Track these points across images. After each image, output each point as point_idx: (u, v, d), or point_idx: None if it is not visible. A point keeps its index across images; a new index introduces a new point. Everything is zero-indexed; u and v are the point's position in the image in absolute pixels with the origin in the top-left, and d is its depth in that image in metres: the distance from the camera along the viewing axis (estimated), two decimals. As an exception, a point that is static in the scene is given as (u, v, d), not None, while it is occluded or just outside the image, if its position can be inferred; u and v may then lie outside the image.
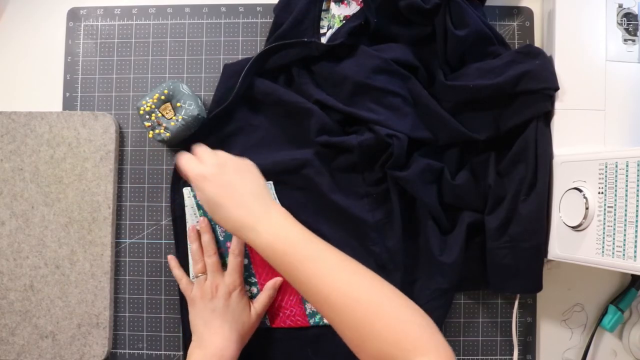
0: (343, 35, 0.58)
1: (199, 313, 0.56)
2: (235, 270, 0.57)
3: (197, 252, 0.59)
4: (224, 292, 0.56)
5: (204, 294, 0.56)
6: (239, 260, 0.57)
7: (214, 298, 0.55)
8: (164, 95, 0.58)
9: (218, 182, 0.50)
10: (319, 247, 0.49)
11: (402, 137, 0.56)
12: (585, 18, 0.55)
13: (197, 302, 0.56)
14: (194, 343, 0.55)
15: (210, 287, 0.56)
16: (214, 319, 0.55)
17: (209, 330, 0.54)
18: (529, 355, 0.61)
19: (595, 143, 0.54)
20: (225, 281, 0.56)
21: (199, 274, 0.58)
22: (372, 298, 0.44)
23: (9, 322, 0.61)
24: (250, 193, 0.51)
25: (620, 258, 0.44)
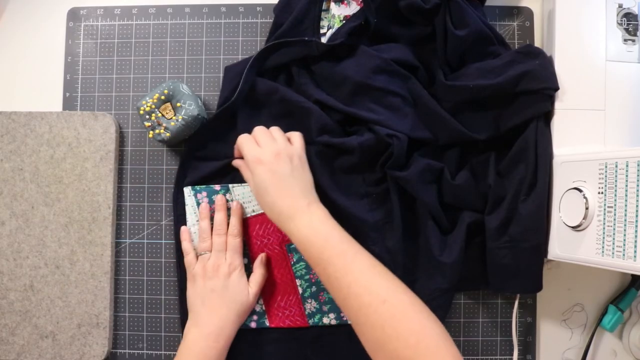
0: (343, 35, 0.58)
1: (198, 291, 0.56)
2: (235, 251, 0.57)
3: (206, 229, 0.59)
4: (225, 272, 0.56)
5: (205, 272, 0.56)
6: (237, 241, 0.58)
7: (214, 277, 0.56)
8: (164, 95, 0.58)
9: (271, 169, 0.53)
10: (353, 246, 0.51)
11: (402, 137, 0.56)
12: (585, 18, 0.55)
13: (198, 279, 0.57)
14: (191, 321, 0.55)
15: (212, 266, 0.56)
16: (212, 298, 0.55)
17: (206, 309, 0.55)
18: (529, 355, 0.61)
19: (595, 143, 0.54)
20: (227, 261, 0.57)
21: (203, 252, 0.58)
22: (398, 301, 0.46)
23: (9, 322, 0.61)
24: (298, 185, 0.53)
25: (620, 258, 0.44)
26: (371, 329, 0.45)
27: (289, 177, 0.53)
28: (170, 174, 0.63)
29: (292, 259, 0.60)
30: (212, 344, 0.53)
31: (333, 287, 0.49)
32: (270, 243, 0.60)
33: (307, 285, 0.60)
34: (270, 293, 0.61)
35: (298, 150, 0.56)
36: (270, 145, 0.55)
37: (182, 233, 0.60)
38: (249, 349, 0.60)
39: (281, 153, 0.54)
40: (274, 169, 0.53)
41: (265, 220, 0.60)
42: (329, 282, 0.49)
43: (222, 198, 0.60)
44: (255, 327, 0.60)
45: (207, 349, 0.53)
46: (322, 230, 0.51)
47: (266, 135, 0.56)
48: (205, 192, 0.61)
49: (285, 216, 0.52)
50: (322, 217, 0.53)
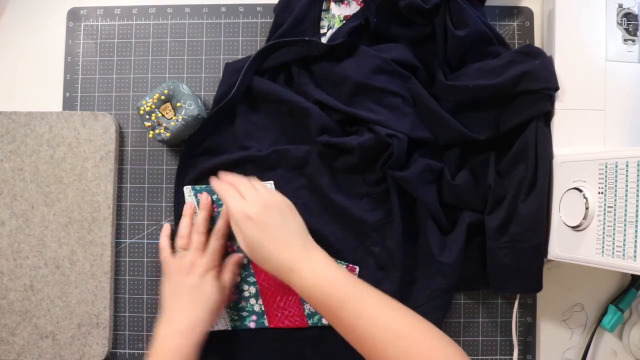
0: (343, 35, 0.58)
1: (171, 287, 0.55)
2: (214, 252, 0.57)
3: (186, 227, 0.58)
4: (200, 272, 0.55)
5: (181, 268, 0.56)
6: (220, 244, 0.57)
7: (190, 275, 0.55)
8: (164, 95, 0.58)
9: (261, 223, 0.51)
10: (359, 286, 0.50)
11: (402, 137, 0.56)
12: (585, 18, 0.55)
13: (173, 275, 0.56)
14: (163, 318, 0.54)
15: (188, 263, 0.56)
16: (185, 295, 0.54)
17: (178, 306, 0.54)
18: (529, 355, 0.61)
19: (595, 143, 0.54)
20: (203, 260, 0.56)
21: (181, 249, 0.57)
22: (413, 332, 0.46)
23: (9, 322, 0.61)
24: (291, 234, 0.52)
25: (620, 258, 0.44)
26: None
27: (281, 228, 0.52)
28: (170, 174, 0.63)
29: (292, 259, 0.60)
30: (183, 341, 0.52)
31: (346, 330, 0.48)
32: (270, 243, 0.60)
33: (307, 285, 0.60)
34: (270, 293, 0.60)
35: (282, 198, 0.55)
36: (255, 197, 0.53)
37: (163, 229, 0.60)
38: (248, 349, 0.60)
39: (268, 204, 0.53)
40: (264, 222, 0.51)
41: (265, 220, 0.60)
42: (341, 326, 0.48)
43: (207, 197, 0.60)
44: (255, 328, 0.60)
45: (179, 346, 0.51)
46: (327, 276, 0.50)
47: (248, 186, 0.54)
48: (205, 191, 0.61)
49: (285, 269, 0.51)
50: (323, 262, 0.51)
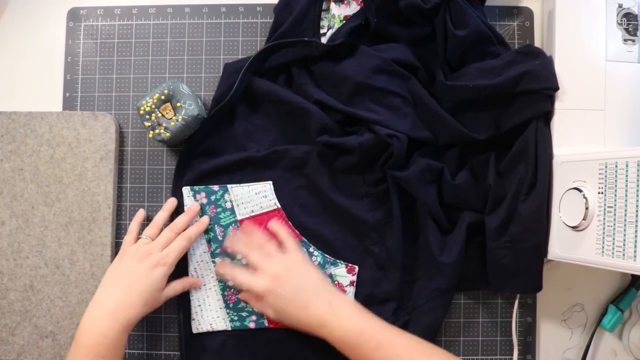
0: (343, 35, 0.58)
1: (118, 268, 0.56)
2: (174, 251, 0.56)
3: (159, 221, 0.59)
4: (152, 262, 0.55)
5: (135, 254, 0.56)
6: (183, 246, 0.57)
7: (140, 262, 0.55)
8: (164, 95, 0.58)
9: (280, 293, 0.53)
10: (387, 332, 0.51)
11: (402, 137, 0.56)
12: (585, 18, 0.55)
13: (126, 257, 0.56)
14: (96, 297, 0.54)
15: (145, 251, 0.56)
16: (127, 279, 0.54)
17: (116, 287, 0.54)
18: (529, 355, 0.61)
19: (595, 143, 0.54)
20: (159, 254, 0.56)
21: (146, 236, 0.57)
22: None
23: (9, 322, 0.61)
24: (312, 293, 0.53)
25: (620, 258, 0.44)
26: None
27: (300, 289, 0.53)
28: (170, 174, 0.63)
29: (292, 259, 0.60)
30: (111, 323, 0.51)
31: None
32: (270, 243, 0.60)
33: (307, 285, 0.60)
34: (270, 293, 0.61)
35: (294, 256, 0.56)
36: (268, 267, 0.54)
37: (138, 214, 0.60)
38: (247, 349, 0.60)
39: (279, 271, 0.54)
40: (282, 291, 0.53)
41: (264, 220, 0.60)
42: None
43: (197, 206, 0.60)
44: (254, 328, 0.60)
45: (106, 327, 0.51)
46: (353, 327, 0.51)
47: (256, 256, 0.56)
48: (204, 192, 0.61)
49: (315, 326, 0.52)
50: (347, 313, 0.52)
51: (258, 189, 0.61)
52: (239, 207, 0.61)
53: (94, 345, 0.50)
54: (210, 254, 0.61)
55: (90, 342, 0.50)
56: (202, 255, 0.61)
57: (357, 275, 0.60)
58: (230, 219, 0.61)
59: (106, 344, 0.50)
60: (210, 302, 0.60)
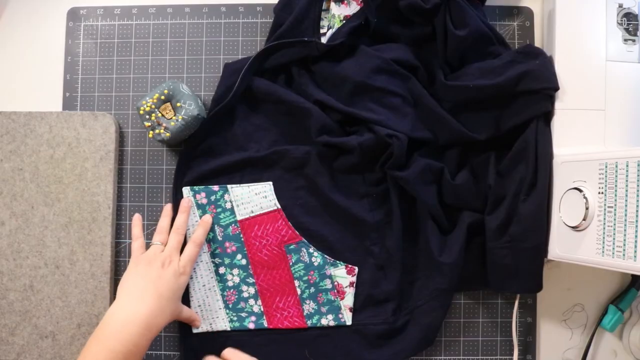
0: (343, 35, 0.58)
1: (139, 276, 0.54)
2: (190, 259, 0.57)
3: (165, 226, 0.59)
4: (174, 271, 0.55)
5: (154, 260, 0.55)
6: (196, 251, 0.58)
7: (165, 268, 0.55)
8: (164, 95, 0.58)
9: None
10: None
11: (402, 137, 0.56)
12: (585, 18, 0.55)
13: (144, 263, 0.55)
14: (121, 303, 0.52)
15: (164, 258, 0.55)
16: (153, 288, 0.53)
17: (143, 295, 0.52)
18: (529, 355, 0.61)
19: (595, 143, 0.54)
20: (180, 262, 0.56)
21: (157, 242, 0.57)
22: None
23: (9, 322, 0.61)
24: None
25: (620, 258, 0.44)
26: None
27: None
28: (170, 174, 0.63)
29: (290, 260, 0.60)
30: (143, 331, 0.50)
31: None
32: (269, 244, 0.60)
33: (306, 287, 0.60)
34: (269, 294, 0.61)
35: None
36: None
37: (135, 219, 0.61)
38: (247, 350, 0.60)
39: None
40: None
41: (264, 221, 0.60)
42: None
43: (188, 201, 0.60)
44: (254, 328, 0.60)
45: (138, 336, 0.49)
46: None
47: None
48: (204, 192, 0.61)
49: None
50: None
51: (258, 189, 0.61)
52: (239, 207, 0.61)
53: (123, 353, 0.48)
54: (210, 254, 0.61)
55: (121, 349, 0.48)
56: (201, 255, 0.61)
57: (356, 276, 0.60)
58: (230, 219, 0.61)
59: (136, 352, 0.49)
60: (210, 303, 0.60)
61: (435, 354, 0.62)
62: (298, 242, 0.60)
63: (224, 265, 0.61)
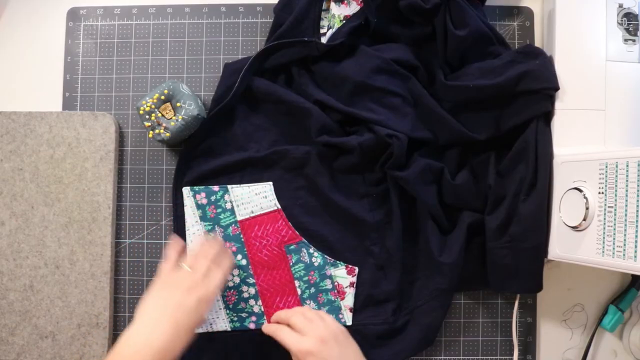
0: (343, 35, 0.58)
1: (166, 297, 0.52)
2: (216, 286, 0.54)
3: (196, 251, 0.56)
4: (199, 296, 0.52)
5: (181, 283, 0.52)
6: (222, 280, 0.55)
7: (188, 294, 0.51)
8: (163, 95, 0.58)
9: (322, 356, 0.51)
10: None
11: (402, 137, 0.56)
12: (585, 18, 0.55)
13: (169, 286, 0.53)
14: (139, 328, 0.49)
15: (191, 282, 0.52)
16: (176, 313, 0.50)
17: (163, 319, 0.50)
18: (529, 355, 0.61)
19: (595, 143, 0.54)
20: (205, 289, 0.52)
21: (186, 266, 0.54)
22: None
23: (8, 322, 0.61)
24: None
25: (620, 258, 0.44)
26: None
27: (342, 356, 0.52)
28: (170, 174, 0.63)
29: (291, 260, 0.60)
30: (158, 358, 0.48)
31: None
32: (269, 244, 0.60)
33: (306, 287, 0.60)
34: (269, 294, 0.60)
35: (337, 325, 0.55)
36: (312, 330, 0.53)
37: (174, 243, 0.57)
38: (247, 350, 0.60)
39: (325, 336, 0.52)
40: (326, 355, 0.51)
41: (264, 221, 0.60)
42: None
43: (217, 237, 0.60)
44: (254, 328, 0.60)
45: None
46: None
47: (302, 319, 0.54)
48: (204, 192, 0.61)
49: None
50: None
51: (258, 189, 0.61)
52: (239, 207, 0.61)
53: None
54: (210, 254, 0.61)
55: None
56: (202, 255, 0.61)
57: (357, 276, 0.60)
58: (230, 220, 0.61)
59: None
60: (210, 302, 0.60)
61: (435, 354, 0.62)
62: (298, 242, 0.60)
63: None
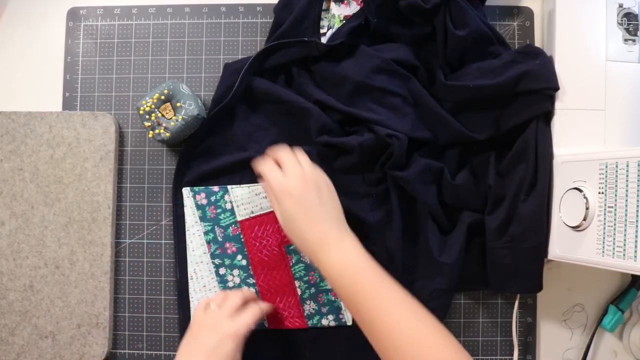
0: (343, 35, 0.58)
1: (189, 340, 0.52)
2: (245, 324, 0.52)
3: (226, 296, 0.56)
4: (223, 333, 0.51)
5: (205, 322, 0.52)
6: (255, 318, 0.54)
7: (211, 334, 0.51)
8: (163, 95, 0.58)
9: (299, 199, 0.51)
10: (384, 281, 0.49)
11: (402, 137, 0.56)
12: (585, 18, 0.55)
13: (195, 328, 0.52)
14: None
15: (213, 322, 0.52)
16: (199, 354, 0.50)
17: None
18: (529, 355, 0.61)
19: (595, 143, 0.54)
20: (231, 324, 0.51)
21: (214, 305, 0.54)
22: (429, 341, 0.45)
23: (8, 322, 0.61)
24: (327, 215, 0.52)
25: (620, 258, 0.44)
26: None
27: (318, 207, 0.51)
28: (170, 174, 0.63)
29: (291, 260, 0.60)
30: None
31: (363, 322, 0.47)
32: (269, 244, 0.60)
33: (306, 287, 0.60)
34: (269, 295, 0.60)
35: (323, 177, 0.54)
36: (296, 172, 0.52)
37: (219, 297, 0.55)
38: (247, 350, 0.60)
39: (308, 180, 0.52)
40: (302, 200, 0.50)
41: (264, 221, 0.60)
42: (359, 316, 0.48)
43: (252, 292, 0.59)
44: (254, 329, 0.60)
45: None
46: (353, 265, 0.49)
47: (290, 160, 0.53)
48: (204, 193, 0.61)
49: (315, 246, 0.50)
50: (353, 249, 0.50)
51: (258, 189, 0.61)
52: (239, 208, 0.61)
53: None
54: (210, 255, 0.61)
55: None
56: (202, 256, 0.61)
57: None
58: (230, 220, 0.61)
59: None
60: (210, 302, 0.60)
61: (436, 354, 0.62)
62: None
63: (225, 266, 0.61)
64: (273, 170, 0.53)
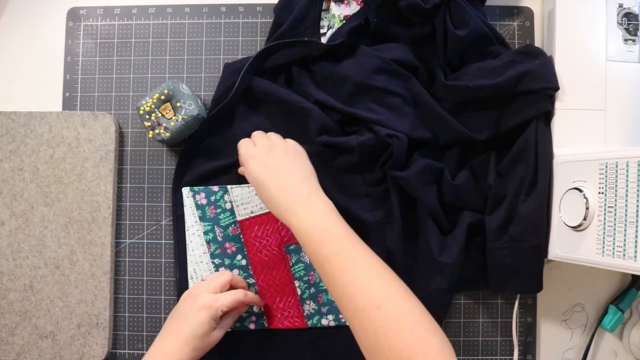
0: (343, 35, 0.58)
1: (176, 309, 0.55)
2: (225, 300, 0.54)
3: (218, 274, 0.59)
4: (200, 304, 0.53)
5: (189, 293, 0.55)
6: (236, 299, 0.55)
7: (191, 303, 0.53)
8: (163, 95, 0.58)
9: (263, 163, 0.53)
10: (353, 243, 0.49)
11: (402, 137, 0.56)
12: (585, 18, 0.55)
13: (183, 298, 0.55)
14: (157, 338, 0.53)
15: (195, 291, 0.55)
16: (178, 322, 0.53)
17: (169, 330, 0.53)
18: (529, 355, 0.61)
19: (595, 143, 0.54)
20: (209, 296, 0.53)
21: (204, 279, 0.57)
22: (394, 308, 0.43)
23: (8, 322, 0.61)
24: (296, 177, 0.53)
25: (620, 258, 0.44)
26: (364, 333, 0.43)
27: (284, 169, 0.53)
28: (170, 174, 0.63)
29: (291, 260, 0.60)
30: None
31: (330, 285, 0.47)
32: (269, 244, 0.60)
33: (306, 287, 0.60)
34: (269, 294, 0.60)
35: (293, 144, 0.56)
36: (264, 142, 0.55)
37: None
38: (247, 350, 0.60)
39: (274, 147, 0.54)
40: (267, 162, 0.53)
41: (264, 221, 0.60)
42: (326, 279, 0.47)
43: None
44: (254, 329, 0.60)
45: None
46: (322, 224, 0.49)
47: (262, 135, 0.57)
48: (204, 193, 0.61)
49: (285, 209, 0.51)
50: (322, 209, 0.51)
51: (258, 189, 0.60)
52: (239, 207, 0.61)
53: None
54: (210, 255, 0.61)
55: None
56: (201, 256, 0.61)
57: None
58: (229, 220, 0.61)
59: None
60: (210, 302, 0.60)
61: (435, 354, 0.62)
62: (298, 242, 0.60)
63: (224, 266, 0.61)
64: (246, 142, 0.56)
